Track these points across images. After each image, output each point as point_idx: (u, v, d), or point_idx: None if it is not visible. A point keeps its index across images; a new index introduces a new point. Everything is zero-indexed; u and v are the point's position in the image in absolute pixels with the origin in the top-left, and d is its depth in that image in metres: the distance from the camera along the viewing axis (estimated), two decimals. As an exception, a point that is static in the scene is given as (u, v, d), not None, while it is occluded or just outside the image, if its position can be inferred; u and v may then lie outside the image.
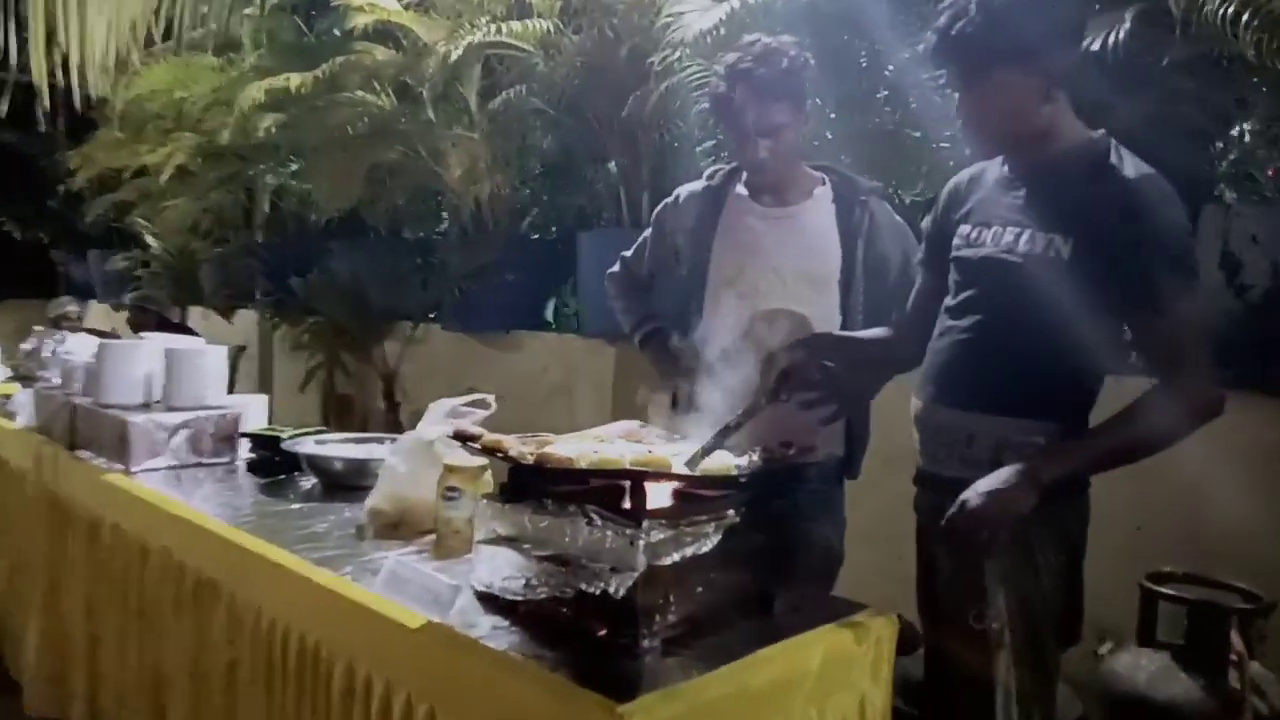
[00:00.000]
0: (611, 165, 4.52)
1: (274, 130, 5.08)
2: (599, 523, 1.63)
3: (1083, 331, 1.74)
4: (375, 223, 5.43)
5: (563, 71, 4.14)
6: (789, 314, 2.26)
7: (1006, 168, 1.87)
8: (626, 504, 1.66)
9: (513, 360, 4.76)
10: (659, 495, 1.67)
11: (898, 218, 2.32)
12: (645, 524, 1.60)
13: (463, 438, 1.84)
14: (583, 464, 1.68)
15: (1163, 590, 2.19)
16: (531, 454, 1.73)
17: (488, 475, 2.19)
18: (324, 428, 2.98)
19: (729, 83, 2.18)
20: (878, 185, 2.31)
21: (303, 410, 5.77)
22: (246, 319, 6.31)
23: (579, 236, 4.43)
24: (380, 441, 2.87)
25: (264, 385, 6.17)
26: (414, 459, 2.32)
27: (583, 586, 1.61)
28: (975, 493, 1.68)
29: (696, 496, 1.71)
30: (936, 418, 1.87)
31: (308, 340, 5.07)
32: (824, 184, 2.32)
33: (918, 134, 3.44)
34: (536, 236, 5.08)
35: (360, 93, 4.66)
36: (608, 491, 1.71)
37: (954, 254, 1.92)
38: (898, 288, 2.36)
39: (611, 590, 1.57)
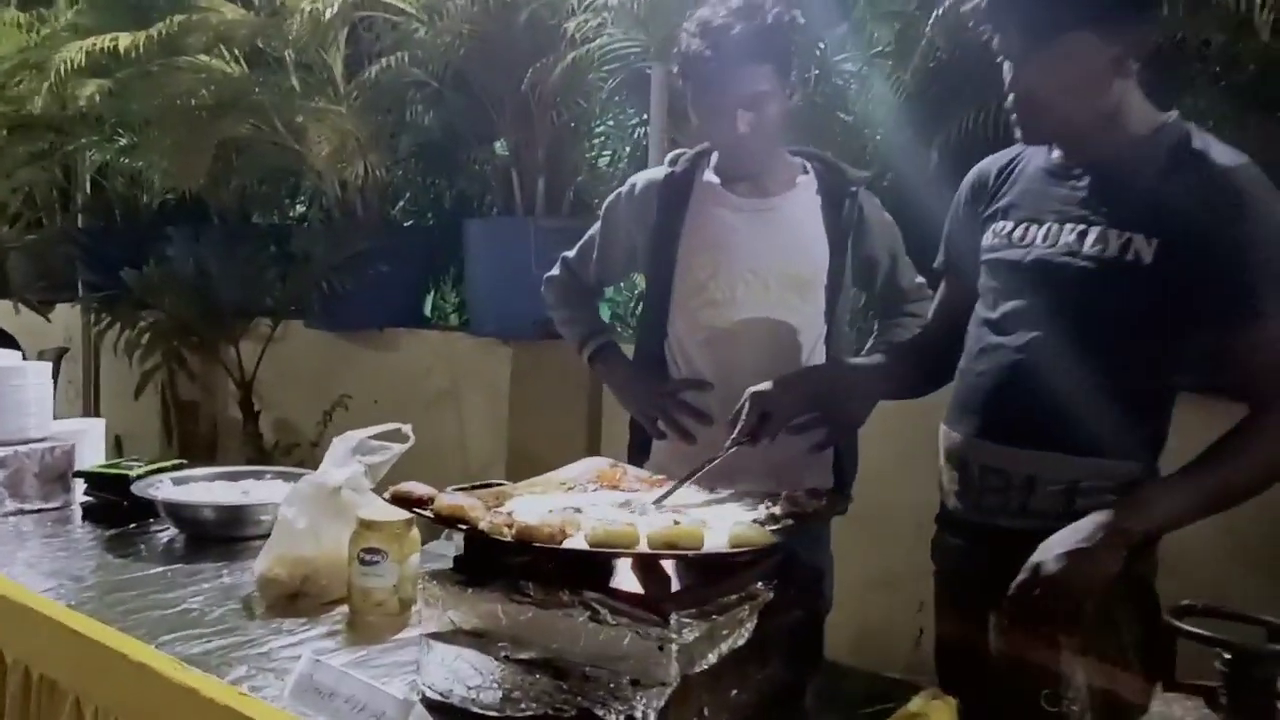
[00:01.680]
0: (499, 145, 4.05)
1: (97, 99, 4.34)
2: (609, 618, 1.21)
3: (1168, 349, 1.45)
4: (220, 206, 4.75)
5: (447, 39, 3.63)
6: (772, 324, 1.89)
7: (1058, 154, 1.54)
8: (640, 588, 1.25)
9: (389, 361, 4.23)
10: (678, 572, 1.28)
11: (886, 214, 1.99)
12: (674, 619, 1.20)
13: (406, 502, 1.38)
14: (585, 542, 1.26)
15: (1198, 631, 1.93)
16: (508, 525, 1.29)
17: (414, 531, 1.73)
18: (182, 460, 2.41)
19: (702, 41, 1.78)
20: (866, 175, 1.96)
21: (138, 420, 5.04)
22: (66, 315, 5.48)
23: (467, 225, 3.95)
24: (259, 476, 2.34)
25: (89, 392, 5.38)
26: (315, 510, 1.83)
27: (594, 709, 1.19)
28: (1052, 555, 1.36)
29: (723, 569, 1.32)
30: (981, 456, 1.53)
31: (146, 341, 4.37)
32: (806, 172, 1.95)
33: (849, 118, 3.15)
34: (412, 224, 4.54)
35: (204, 57, 4.00)
36: (607, 568, 1.30)
37: (989, 255, 1.58)
38: (885, 294, 2.03)
39: (638, 715, 1.16)
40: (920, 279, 1.98)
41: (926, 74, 2.84)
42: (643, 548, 1.24)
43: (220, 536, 2.08)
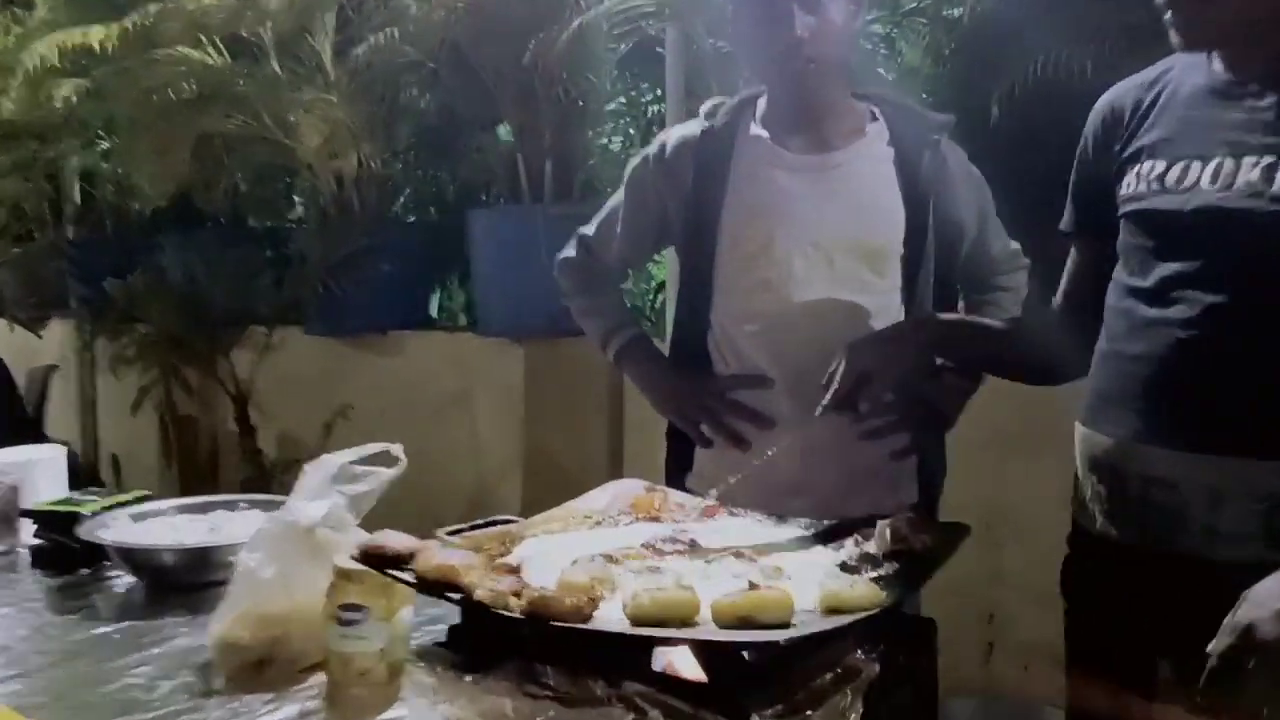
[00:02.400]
0: (502, 130, 3.67)
1: (75, 100, 3.99)
2: (662, 721, 0.84)
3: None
4: (213, 210, 4.40)
5: (441, 14, 3.26)
6: (839, 306, 1.51)
7: (1222, 66, 1.16)
8: (703, 672, 0.88)
9: (394, 367, 3.87)
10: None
11: (973, 167, 1.60)
12: (754, 721, 0.83)
13: (378, 560, 1.01)
14: (626, 614, 0.89)
15: None
16: (515, 593, 0.92)
17: (407, 581, 1.36)
18: (146, 493, 2.05)
19: None
20: (949, 118, 1.57)
21: (136, 438, 4.71)
22: (59, 332, 5.15)
23: (469, 216, 3.58)
24: (231, 507, 1.97)
25: (86, 410, 5.04)
26: (285, 555, 1.46)
27: None
28: (1271, 613, 0.97)
29: (808, 642, 0.94)
30: (1144, 464, 1.15)
31: (133, 354, 4.02)
32: (875, 119, 1.57)
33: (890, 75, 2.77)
34: (413, 219, 4.18)
35: (182, 48, 3.63)
36: (653, 644, 0.92)
37: (1133, 206, 1.20)
38: (972, 265, 1.64)
39: None
40: (1015, 244, 1.60)
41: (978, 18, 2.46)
42: (707, 626, 0.87)
43: (184, 583, 1.71)
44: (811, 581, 1.01)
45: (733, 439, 1.53)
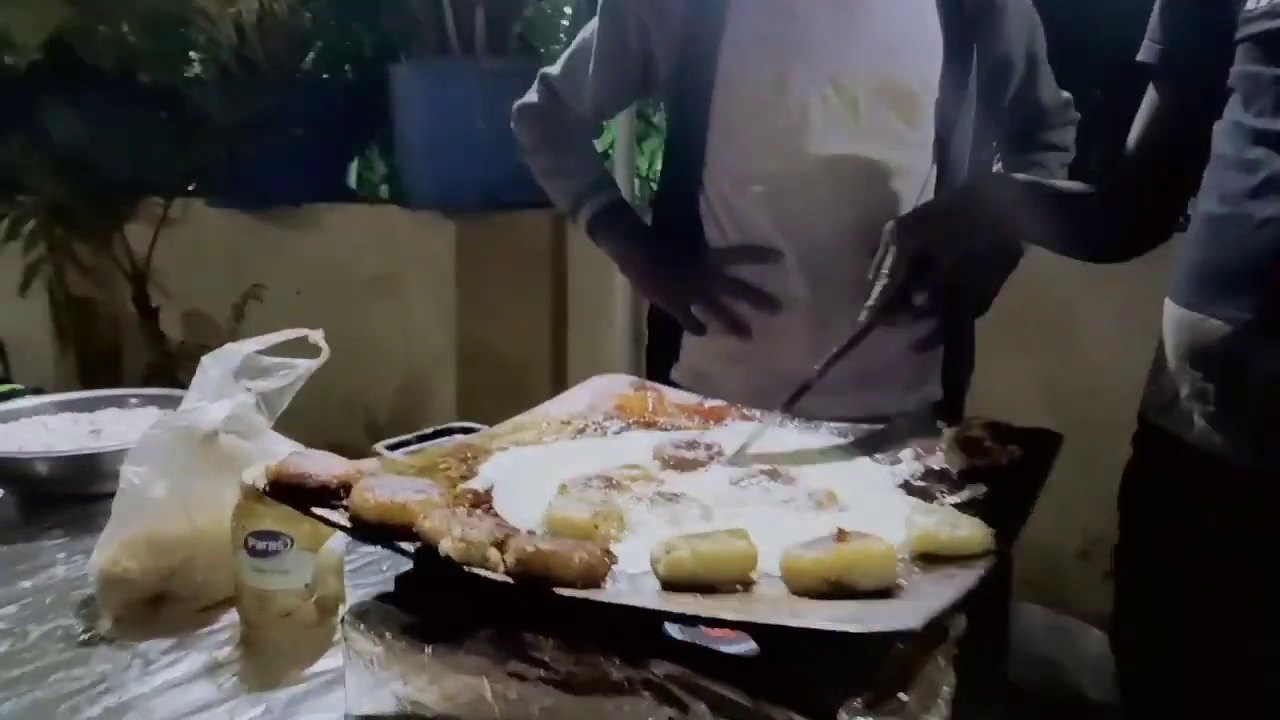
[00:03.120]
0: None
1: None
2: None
3: None
4: (99, 65, 3.84)
5: None
6: (864, 164, 1.23)
7: None
8: (760, 648, 0.63)
9: (311, 243, 3.48)
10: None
11: None
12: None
13: (295, 494, 0.71)
14: (655, 571, 0.62)
15: None
16: (498, 542, 0.64)
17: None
18: (16, 386, 1.71)
19: None
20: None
21: (29, 323, 4.24)
22: (-70, 202, 4.57)
23: (391, 73, 3.16)
24: (122, 403, 1.65)
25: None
26: (178, 467, 1.19)
27: None
28: None
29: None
30: (1273, 358, 0.91)
31: (7, 227, 3.55)
32: (909, -70, 1.25)
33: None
34: (327, 76, 3.71)
35: None
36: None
37: (1257, 29, 0.93)
38: (1018, 114, 1.37)
39: None
40: (1066, 94, 1.33)
41: None
42: (773, 591, 0.61)
43: (62, 498, 1.41)
44: (878, 512, 0.76)
45: (732, 324, 1.26)
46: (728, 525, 0.72)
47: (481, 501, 0.78)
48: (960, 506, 0.75)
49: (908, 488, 0.82)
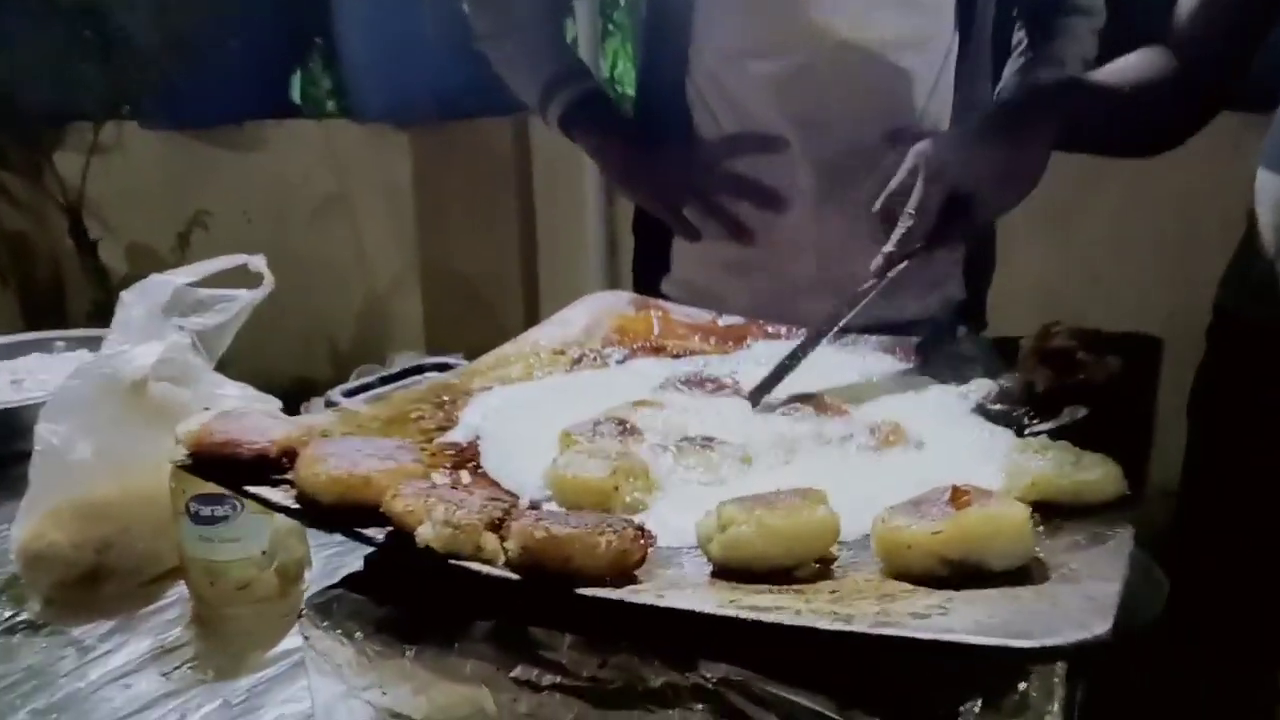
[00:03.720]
0: None
1: None
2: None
3: None
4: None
5: None
6: (878, 34, 1.04)
7: None
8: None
9: (255, 164, 3.23)
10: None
11: None
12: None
13: (226, 470, 0.54)
14: (701, 550, 0.46)
15: None
16: (495, 522, 0.48)
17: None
18: (-76, 334, 1.50)
19: None
20: None
21: (-39, 261, 3.95)
22: None
23: (329, -28, 2.89)
24: (46, 348, 1.45)
25: (-106, 231, 4.21)
26: (102, 423, 1.01)
27: None
28: None
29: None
30: None
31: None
32: None
33: None
34: (260, -17, 3.40)
35: None
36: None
37: None
38: None
39: None
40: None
41: None
42: (865, 583, 0.46)
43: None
44: (960, 448, 0.60)
45: (731, 227, 1.08)
46: (776, 476, 0.56)
47: (465, 460, 0.62)
48: (1059, 435, 0.60)
49: (985, 413, 0.67)
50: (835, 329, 0.79)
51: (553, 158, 2.86)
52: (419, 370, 0.77)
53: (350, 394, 0.70)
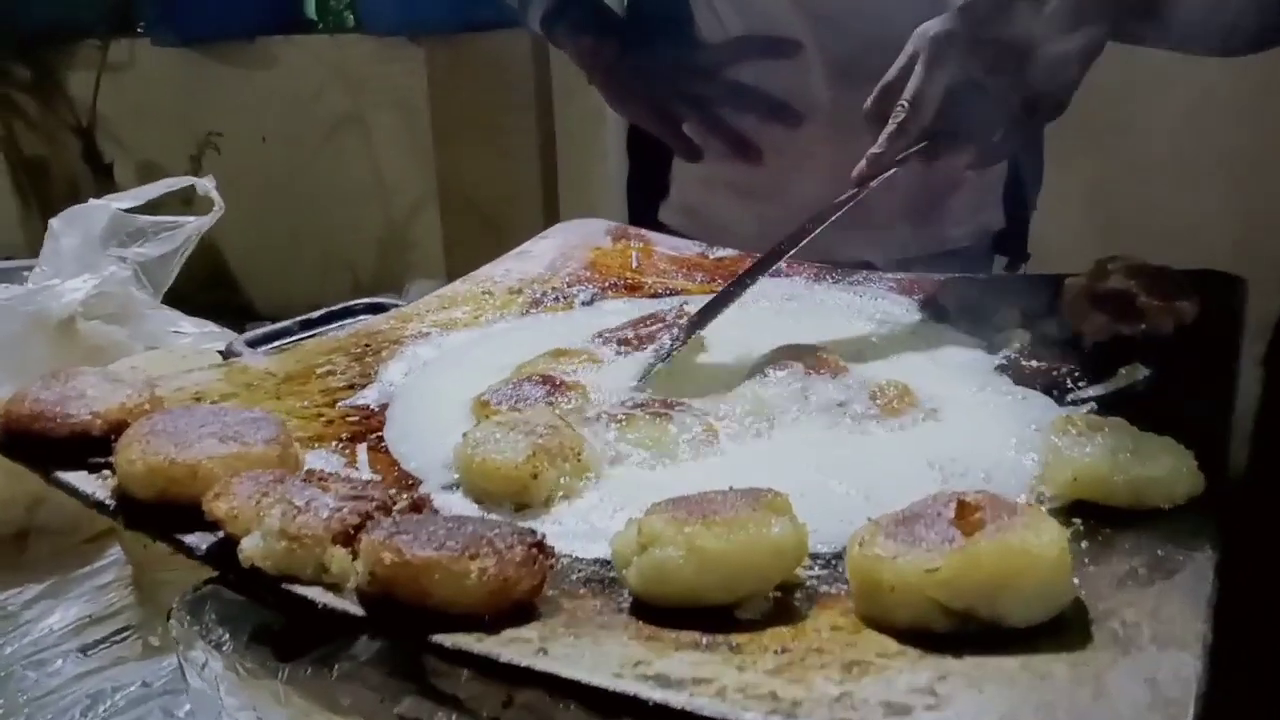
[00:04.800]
0: None
1: None
2: None
3: None
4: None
5: None
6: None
7: None
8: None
9: (266, 81, 3.09)
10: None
11: None
12: None
13: (26, 447, 0.43)
14: (622, 578, 0.34)
15: None
16: (346, 532, 0.36)
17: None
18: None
19: None
20: None
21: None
22: None
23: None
24: (19, 277, 1.36)
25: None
26: (30, 364, 0.90)
27: None
28: None
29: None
30: None
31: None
32: None
33: None
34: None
35: None
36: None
37: None
38: None
39: None
40: None
41: None
42: (835, 636, 0.32)
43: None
44: (980, 418, 0.47)
45: (736, 144, 0.94)
46: (745, 453, 0.43)
47: (369, 430, 0.50)
48: (1112, 404, 0.47)
49: (1015, 372, 0.53)
50: (793, 250, 0.64)
51: (574, 70, 2.70)
52: (350, 313, 0.65)
53: (256, 343, 0.59)
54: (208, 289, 3.45)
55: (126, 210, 0.96)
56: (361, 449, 0.48)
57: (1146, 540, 0.36)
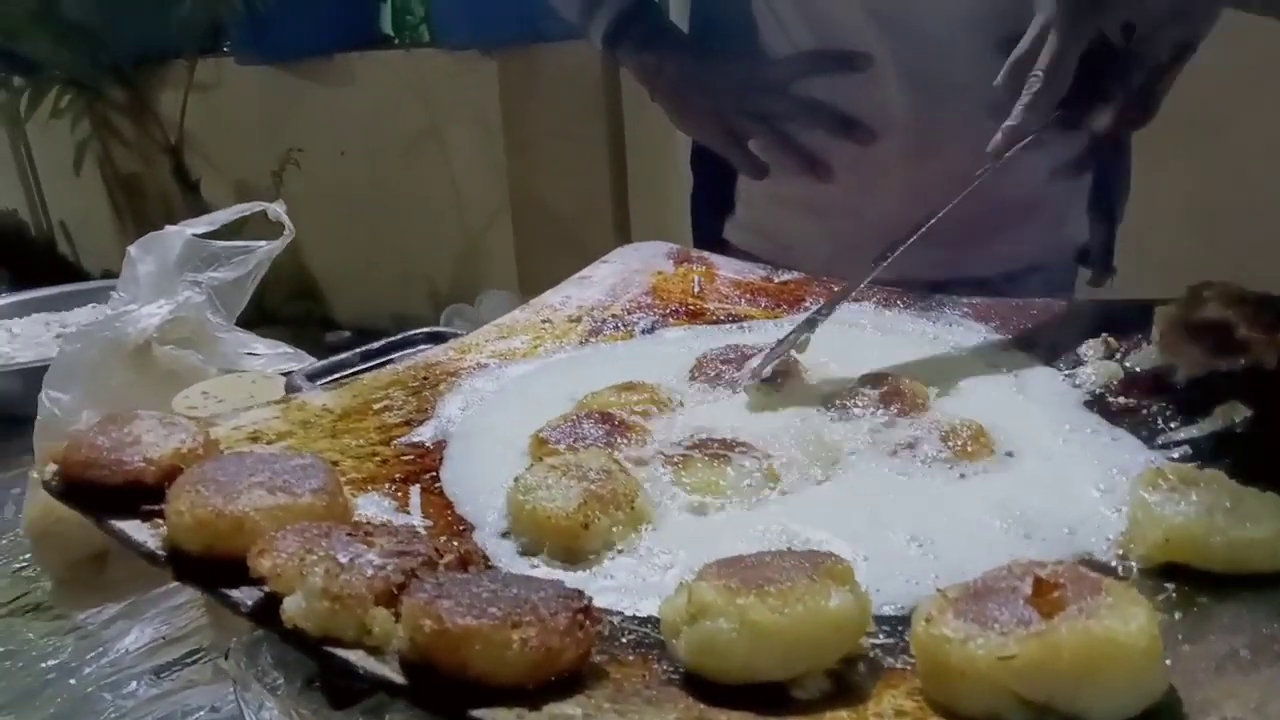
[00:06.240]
0: None
1: None
2: None
3: None
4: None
5: None
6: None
7: None
8: None
9: (346, 97, 3.15)
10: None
11: None
12: None
13: (85, 495, 0.43)
14: (672, 644, 0.31)
15: None
16: (391, 591, 0.34)
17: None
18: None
19: None
20: None
21: (86, 204, 4.08)
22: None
23: (411, -108, 2.74)
24: (101, 298, 1.41)
25: (26, 173, 4.37)
26: (106, 388, 0.93)
27: None
28: None
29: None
30: None
31: (29, 103, 3.31)
32: None
33: None
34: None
35: None
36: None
37: None
38: None
39: None
40: None
41: None
42: None
43: (25, 418, 1.18)
44: (1066, 465, 0.44)
45: (805, 162, 0.91)
46: (805, 501, 0.41)
47: (425, 469, 0.49)
48: (1209, 448, 0.43)
49: (1101, 409, 0.50)
50: (911, 240, 0.63)
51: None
52: (409, 344, 0.64)
53: (315, 376, 0.58)
54: (292, 301, 3.55)
55: (201, 235, 0.98)
56: (414, 491, 0.47)
57: (1249, 613, 0.33)
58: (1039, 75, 0.64)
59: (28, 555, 0.90)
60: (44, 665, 0.77)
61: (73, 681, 0.76)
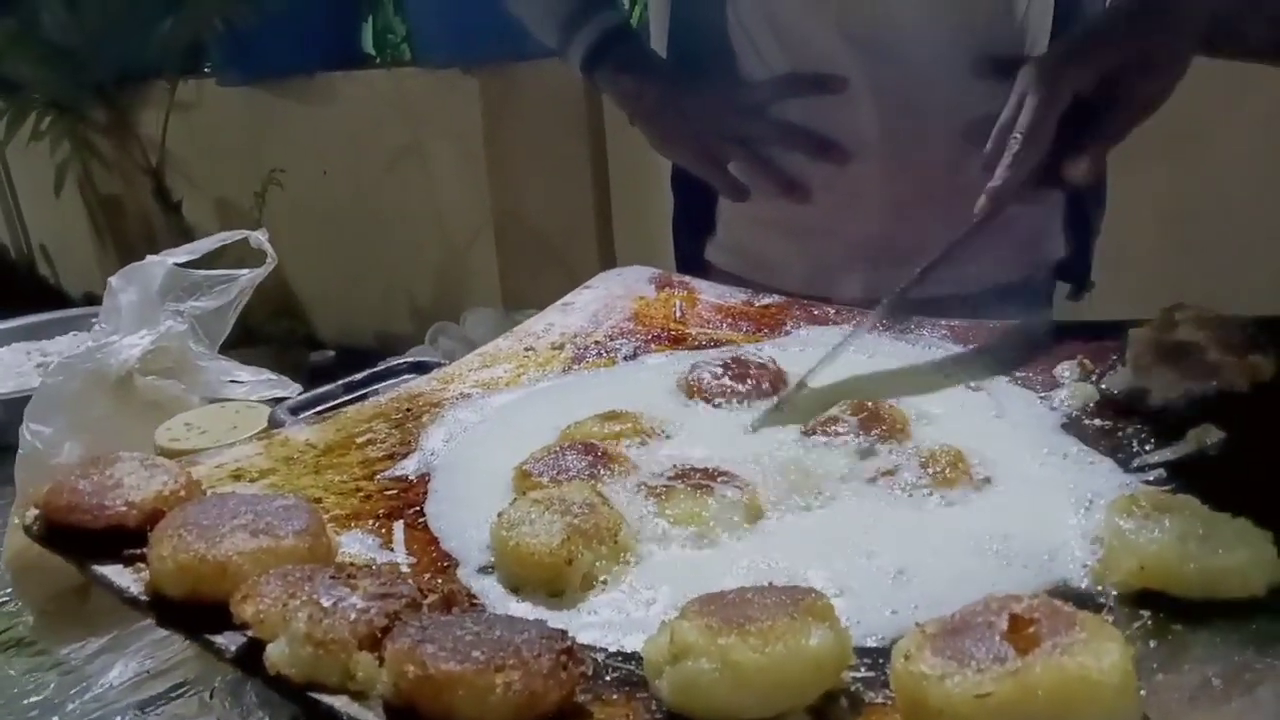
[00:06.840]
0: None
1: None
2: None
3: None
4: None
5: None
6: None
7: None
8: None
9: (327, 116, 3.15)
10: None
11: None
12: None
13: (66, 540, 0.43)
14: (655, 685, 0.32)
15: None
16: (373, 634, 0.35)
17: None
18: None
19: None
20: None
21: (66, 225, 4.06)
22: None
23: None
24: (82, 325, 1.41)
25: (3, 196, 4.35)
26: (88, 421, 0.93)
27: None
28: None
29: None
30: None
31: (7, 122, 3.30)
32: None
33: None
34: (327, -72, 3.29)
35: None
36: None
37: None
38: None
39: None
40: None
41: None
42: None
43: (4, 448, 1.17)
44: (1042, 490, 0.44)
45: (783, 183, 0.92)
46: (788, 533, 0.41)
47: (409, 504, 0.49)
48: (1182, 472, 0.44)
49: (1078, 432, 0.51)
50: (911, 288, 0.65)
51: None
52: (392, 374, 0.64)
53: (297, 410, 0.58)
54: (275, 320, 3.53)
55: (182, 265, 0.98)
56: (398, 527, 0.47)
57: (1223, 642, 0.33)
58: (1018, 137, 0.66)
59: (9, 590, 0.89)
60: (26, 703, 0.77)
61: (56, 719, 0.76)
